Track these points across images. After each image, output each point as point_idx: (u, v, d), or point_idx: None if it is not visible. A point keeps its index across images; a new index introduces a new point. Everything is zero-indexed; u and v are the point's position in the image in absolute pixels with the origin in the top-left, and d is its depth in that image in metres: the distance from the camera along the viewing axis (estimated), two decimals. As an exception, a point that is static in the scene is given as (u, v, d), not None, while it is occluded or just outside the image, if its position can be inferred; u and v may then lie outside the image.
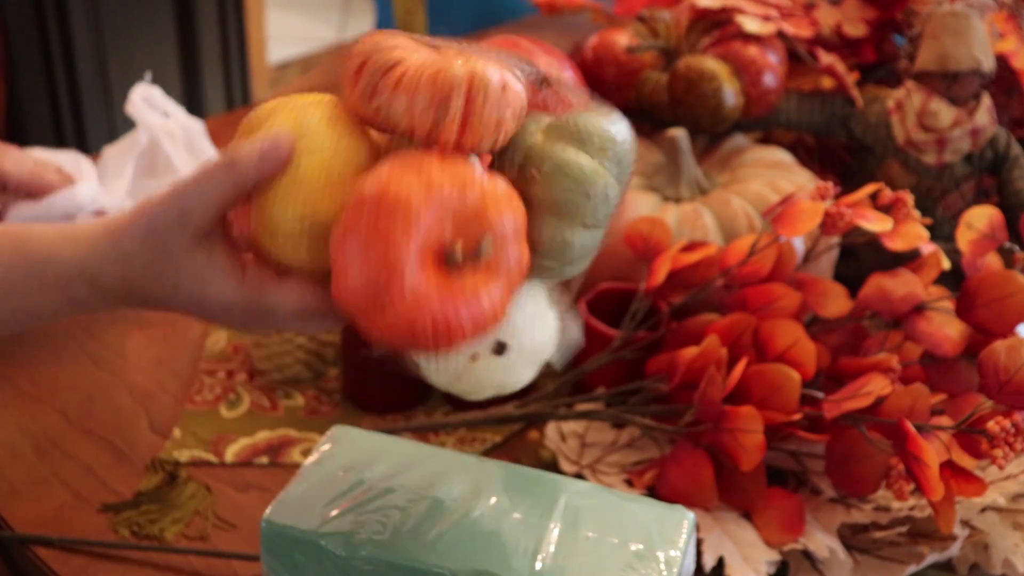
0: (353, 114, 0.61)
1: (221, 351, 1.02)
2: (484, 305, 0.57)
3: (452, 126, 0.57)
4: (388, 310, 0.56)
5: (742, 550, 0.75)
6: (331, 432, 0.71)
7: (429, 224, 0.56)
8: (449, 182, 0.57)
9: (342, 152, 0.60)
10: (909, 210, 0.84)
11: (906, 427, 0.73)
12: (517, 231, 0.59)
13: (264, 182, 0.59)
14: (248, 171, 0.59)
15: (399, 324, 0.56)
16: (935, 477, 0.71)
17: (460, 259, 0.57)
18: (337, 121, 0.61)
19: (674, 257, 0.88)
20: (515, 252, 0.59)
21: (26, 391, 0.97)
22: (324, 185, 0.59)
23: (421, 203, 0.56)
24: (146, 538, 0.82)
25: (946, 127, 1.01)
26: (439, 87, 0.57)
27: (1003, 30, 1.09)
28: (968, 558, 0.79)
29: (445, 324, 0.56)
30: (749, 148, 1.04)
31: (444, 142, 0.58)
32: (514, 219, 0.58)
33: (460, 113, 0.57)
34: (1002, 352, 0.73)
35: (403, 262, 0.55)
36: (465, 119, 0.57)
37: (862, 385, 0.76)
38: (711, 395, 0.77)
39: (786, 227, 0.82)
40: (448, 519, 0.64)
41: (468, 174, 0.57)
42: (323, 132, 0.60)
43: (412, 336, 0.56)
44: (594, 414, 0.85)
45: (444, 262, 0.57)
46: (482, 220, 0.57)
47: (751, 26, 1.02)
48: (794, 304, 0.81)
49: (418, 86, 0.57)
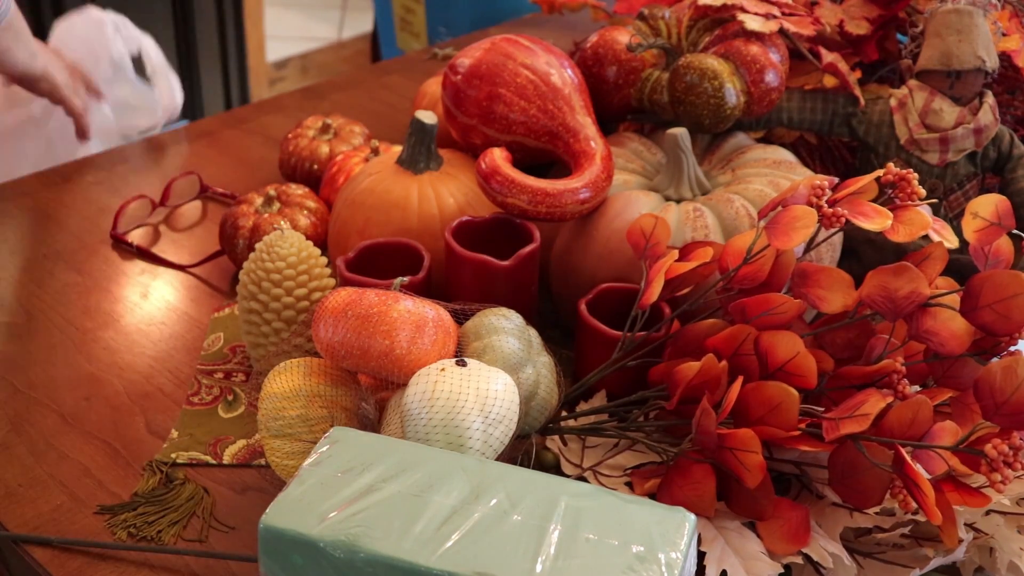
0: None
1: (218, 352, 1.01)
2: None
3: None
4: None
5: (745, 562, 0.75)
6: (330, 433, 0.71)
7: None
8: None
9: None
10: (914, 189, 0.82)
11: (902, 455, 0.72)
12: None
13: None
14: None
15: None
16: (932, 504, 0.71)
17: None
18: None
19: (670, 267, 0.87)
20: None
21: (22, 392, 0.97)
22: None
23: None
24: (143, 540, 0.81)
25: (949, 126, 1.01)
26: None
27: (1006, 28, 1.08)
28: (973, 561, 0.78)
29: None
30: (751, 147, 1.04)
31: None
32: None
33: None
34: (998, 373, 0.71)
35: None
36: None
37: (861, 402, 0.75)
38: (706, 426, 0.76)
39: (779, 237, 0.81)
40: (448, 521, 0.64)
41: None
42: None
43: None
44: (597, 430, 0.85)
45: None
46: None
47: (753, 24, 1.01)
48: (793, 310, 0.80)
49: None
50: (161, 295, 1.10)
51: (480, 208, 1.01)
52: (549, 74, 1.01)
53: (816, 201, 0.82)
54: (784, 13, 1.06)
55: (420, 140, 1.03)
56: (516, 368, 0.82)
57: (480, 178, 0.96)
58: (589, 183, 0.96)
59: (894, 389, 0.76)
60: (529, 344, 0.84)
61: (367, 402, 0.81)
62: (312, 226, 1.12)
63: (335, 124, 1.28)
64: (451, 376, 0.75)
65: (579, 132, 1.00)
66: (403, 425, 0.75)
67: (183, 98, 1.41)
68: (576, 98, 1.02)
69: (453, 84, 1.03)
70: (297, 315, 0.93)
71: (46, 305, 1.08)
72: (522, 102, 1.00)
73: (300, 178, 1.24)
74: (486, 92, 1.01)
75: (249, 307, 0.94)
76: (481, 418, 0.74)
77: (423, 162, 1.03)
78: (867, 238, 1.00)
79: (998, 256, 0.80)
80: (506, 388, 0.76)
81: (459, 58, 1.04)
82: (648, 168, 1.05)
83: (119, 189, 1.28)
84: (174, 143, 1.40)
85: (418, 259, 0.95)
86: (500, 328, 0.82)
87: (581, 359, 0.93)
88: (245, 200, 1.13)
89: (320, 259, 0.95)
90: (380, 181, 1.03)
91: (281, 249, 0.93)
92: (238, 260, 1.10)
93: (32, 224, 1.22)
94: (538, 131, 1.01)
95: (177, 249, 1.18)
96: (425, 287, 0.92)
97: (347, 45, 3.72)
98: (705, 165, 1.04)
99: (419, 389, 0.75)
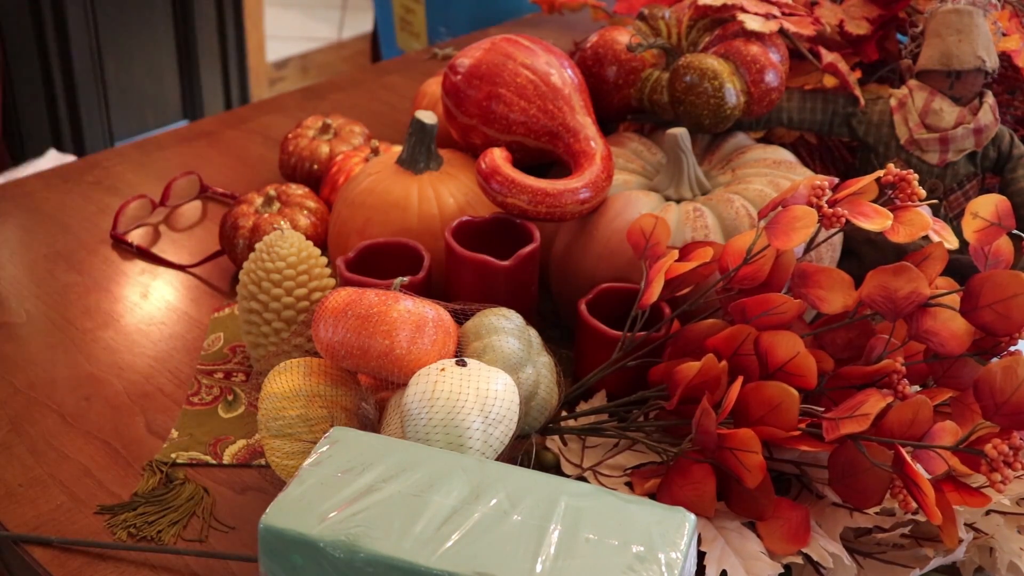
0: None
1: (218, 352, 1.01)
2: None
3: None
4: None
5: (745, 562, 0.75)
6: (330, 433, 0.71)
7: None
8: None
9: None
10: (914, 189, 0.82)
11: (902, 455, 0.72)
12: None
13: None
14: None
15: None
16: (932, 504, 0.71)
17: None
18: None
19: (670, 267, 0.87)
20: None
21: (22, 392, 0.97)
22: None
23: None
24: (143, 540, 0.81)
25: (949, 126, 1.01)
26: None
27: (1006, 28, 1.08)
28: (973, 561, 0.78)
29: None
30: (751, 147, 1.04)
31: None
32: None
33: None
34: (998, 373, 0.71)
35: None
36: None
37: (861, 402, 0.75)
38: (706, 426, 0.76)
39: (779, 237, 0.81)
40: (448, 521, 0.64)
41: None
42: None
43: None
44: (597, 430, 0.85)
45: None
46: None
47: (753, 24, 1.01)
48: (793, 310, 0.80)
49: None
50: (161, 295, 1.10)
51: (480, 208, 1.01)
52: (549, 74, 1.01)
53: (816, 201, 0.82)
54: (784, 13, 1.06)
55: (420, 140, 1.03)
56: (516, 368, 0.82)
57: (480, 178, 0.96)
58: (589, 183, 0.96)
59: (894, 389, 0.76)
60: (529, 344, 0.84)
61: (367, 402, 0.81)
62: (312, 226, 1.12)
63: (335, 124, 1.28)
64: (451, 376, 0.75)
65: (579, 132, 1.00)
66: (403, 425, 0.75)
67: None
68: (576, 98, 1.02)
69: (453, 84, 1.03)
70: (297, 315, 0.93)
71: (46, 305, 1.08)
72: (522, 102, 1.00)
73: (300, 178, 1.24)
74: (486, 92, 1.01)
75: (249, 307, 0.94)
76: (481, 418, 0.74)
77: (423, 162, 1.03)
78: (867, 238, 1.00)
79: (998, 256, 0.80)
80: (506, 388, 0.76)
81: (459, 58, 1.04)
82: (648, 168, 1.05)
83: (119, 189, 1.28)
84: (174, 143, 1.40)
85: (418, 259, 0.95)
86: (500, 328, 0.82)
87: (581, 359, 0.93)
88: (245, 200, 1.13)
89: (320, 259, 0.95)
90: (380, 181, 1.03)
91: (281, 249, 0.93)
92: (238, 260, 1.10)
93: (32, 224, 1.22)
94: (538, 131, 1.01)
95: (177, 249, 1.18)
96: (425, 287, 0.92)
97: (347, 45, 3.72)
98: (705, 165, 1.04)
99: (419, 389, 0.75)
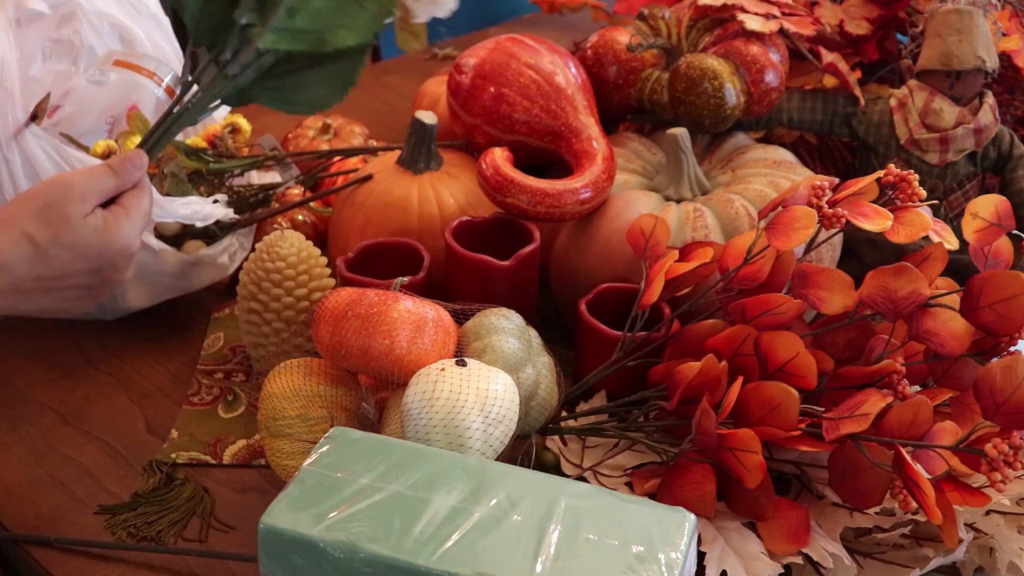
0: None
1: (218, 352, 1.01)
2: None
3: None
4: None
5: (745, 562, 0.75)
6: (330, 433, 0.71)
7: None
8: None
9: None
10: (914, 190, 0.82)
11: (902, 455, 0.72)
12: None
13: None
14: (119, 174, 0.80)
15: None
16: (932, 504, 0.71)
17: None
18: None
19: (670, 267, 0.87)
20: None
21: (23, 392, 0.97)
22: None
23: None
24: (143, 540, 0.81)
25: (949, 126, 1.01)
26: None
27: (1006, 28, 1.08)
28: (973, 561, 0.78)
29: None
30: (751, 147, 1.04)
31: None
32: None
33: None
34: (998, 373, 0.71)
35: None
36: None
37: (861, 402, 0.75)
38: (706, 426, 0.76)
39: (780, 238, 0.81)
40: (448, 521, 0.64)
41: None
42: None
43: None
44: (597, 430, 0.85)
45: None
46: None
47: (753, 24, 1.01)
48: (793, 311, 0.80)
49: None
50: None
51: (480, 208, 1.01)
52: (553, 74, 1.01)
53: (816, 201, 0.82)
54: (784, 13, 1.06)
55: (420, 140, 1.03)
56: (516, 368, 0.81)
57: (480, 178, 0.96)
58: (590, 183, 0.96)
59: (894, 389, 0.76)
60: (529, 344, 0.84)
61: (367, 402, 0.81)
62: (312, 226, 1.11)
63: (335, 124, 1.28)
64: (451, 376, 0.75)
65: (581, 132, 1.00)
66: (403, 425, 0.75)
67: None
68: (580, 98, 1.02)
69: (458, 83, 1.03)
70: (297, 315, 0.93)
71: (46, 305, 1.08)
72: (525, 102, 1.00)
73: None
74: (490, 92, 1.01)
75: (249, 307, 0.94)
76: (481, 418, 0.74)
77: (423, 162, 1.03)
78: (867, 238, 1.00)
79: (998, 256, 0.80)
80: (506, 388, 0.76)
81: (464, 57, 1.04)
82: (648, 168, 1.05)
83: (119, 189, 1.28)
84: (174, 143, 1.40)
85: (418, 259, 0.95)
86: (500, 328, 0.82)
87: (581, 359, 0.93)
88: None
89: (320, 259, 0.95)
90: (380, 181, 1.03)
91: (281, 249, 0.93)
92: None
93: (32, 224, 1.21)
94: (541, 131, 1.01)
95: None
96: (425, 287, 0.92)
97: (347, 45, 3.71)
98: (705, 165, 1.04)
99: (419, 389, 0.75)
